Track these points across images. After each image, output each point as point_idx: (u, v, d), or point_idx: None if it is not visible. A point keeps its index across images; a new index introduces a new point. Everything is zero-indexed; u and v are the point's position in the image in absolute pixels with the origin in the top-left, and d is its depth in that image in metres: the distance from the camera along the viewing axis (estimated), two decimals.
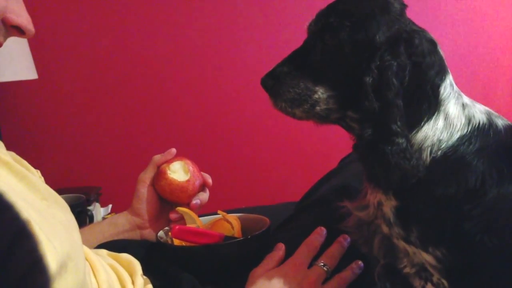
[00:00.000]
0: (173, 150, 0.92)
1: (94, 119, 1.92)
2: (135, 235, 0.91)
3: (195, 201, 0.91)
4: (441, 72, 0.65)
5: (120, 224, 0.90)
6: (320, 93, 0.66)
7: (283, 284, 0.71)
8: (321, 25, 0.67)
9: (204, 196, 0.93)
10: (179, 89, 1.93)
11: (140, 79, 1.91)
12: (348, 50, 0.64)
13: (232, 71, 1.95)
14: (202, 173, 0.94)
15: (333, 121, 0.70)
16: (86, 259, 0.64)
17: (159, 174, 0.89)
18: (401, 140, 0.60)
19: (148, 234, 0.91)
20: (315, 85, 0.67)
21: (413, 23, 0.67)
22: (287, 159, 1.99)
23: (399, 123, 0.60)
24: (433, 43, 0.65)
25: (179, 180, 0.88)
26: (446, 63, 0.67)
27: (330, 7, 0.68)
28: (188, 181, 0.89)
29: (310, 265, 0.74)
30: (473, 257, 0.60)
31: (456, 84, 0.67)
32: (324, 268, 0.74)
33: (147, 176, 0.91)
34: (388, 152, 0.60)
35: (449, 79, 0.66)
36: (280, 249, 0.78)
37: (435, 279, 0.63)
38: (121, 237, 0.89)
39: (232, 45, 1.94)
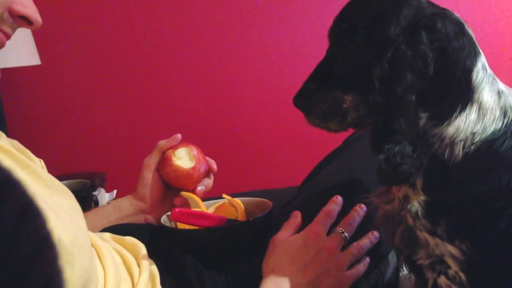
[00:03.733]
0: (179, 136, 0.92)
1: (98, 105, 1.92)
2: (139, 219, 0.91)
3: (200, 187, 0.91)
4: (472, 55, 0.61)
5: (125, 209, 0.90)
6: (349, 101, 0.65)
7: (303, 250, 0.73)
8: (337, 32, 0.66)
9: (209, 182, 0.94)
10: (184, 75, 1.92)
11: (145, 64, 1.90)
12: (367, 53, 0.62)
13: (236, 57, 1.94)
14: (207, 158, 0.93)
15: (370, 125, 0.68)
16: (92, 245, 0.64)
17: (164, 160, 0.89)
18: (400, 139, 0.58)
19: (152, 218, 0.91)
20: (343, 94, 0.66)
21: (434, 5, 0.63)
22: (290, 143, 1.98)
23: (402, 120, 0.58)
24: (459, 24, 0.62)
25: (184, 167, 0.88)
26: (477, 44, 0.63)
27: (342, 12, 0.66)
28: (193, 168, 0.88)
29: (329, 233, 0.75)
30: (503, 255, 0.59)
31: None
32: (343, 235, 0.75)
33: (152, 161, 0.91)
34: (383, 149, 0.59)
35: (482, 61, 0.62)
36: (297, 216, 0.79)
37: (451, 272, 0.62)
38: (125, 221, 0.89)
39: (232, 32, 1.92)
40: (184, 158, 0.89)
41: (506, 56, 2.14)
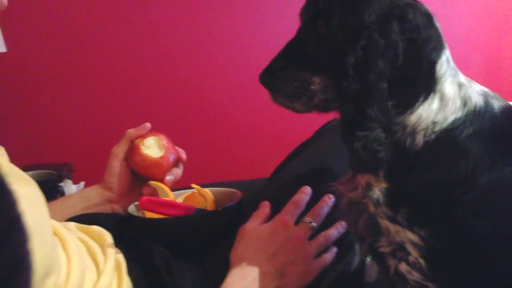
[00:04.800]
0: (148, 125, 0.91)
1: (65, 93, 1.87)
2: (107, 209, 0.89)
3: (169, 177, 0.90)
4: (438, 47, 0.62)
5: (92, 198, 0.89)
6: (317, 83, 0.65)
7: (271, 240, 0.73)
8: (312, 12, 0.65)
9: (178, 171, 0.93)
10: (152, 64, 1.89)
11: (113, 53, 1.86)
12: (341, 36, 0.62)
13: (206, 47, 1.92)
14: (177, 148, 0.92)
15: (334, 110, 0.68)
16: (55, 233, 0.63)
17: (133, 149, 0.88)
18: (375, 126, 0.59)
19: (120, 208, 0.90)
20: (312, 76, 0.65)
21: None
22: (261, 134, 1.99)
23: (375, 107, 0.59)
24: (428, 16, 0.63)
25: (153, 156, 0.87)
26: (443, 37, 0.64)
27: None
28: (162, 157, 0.87)
29: (297, 222, 0.76)
30: (461, 241, 0.60)
31: None
32: (311, 224, 0.76)
33: (120, 150, 0.90)
34: (358, 137, 0.59)
35: (446, 54, 0.63)
36: (265, 206, 0.80)
37: (411, 258, 0.64)
38: (92, 210, 0.87)
39: (209, 20, 1.91)
40: (153, 147, 0.88)
41: (474, 53, 2.21)
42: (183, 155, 0.94)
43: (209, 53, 1.92)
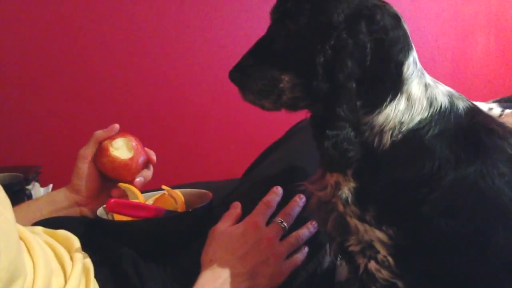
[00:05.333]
0: (116, 126, 0.89)
1: (32, 95, 1.82)
2: (74, 212, 0.87)
3: (139, 178, 0.88)
4: (405, 49, 0.63)
5: (59, 201, 0.87)
6: (286, 81, 0.65)
7: (242, 240, 0.73)
8: (281, 11, 0.65)
9: (148, 173, 0.91)
10: (121, 65, 1.86)
11: (81, 54, 1.82)
12: (310, 35, 0.62)
13: (173, 48, 1.91)
14: (146, 149, 0.91)
15: (303, 109, 0.69)
16: (21, 238, 0.62)
17: (101, 150, 0.86)
18: (344, 126, 0.59)
19: (88, 211, 0.88)
20: (281, 74, 0.65)
21: None
22: (232, 135, 1.98)
23: (345, 106, 0.59)
24: (396, 18, 0.64)
25: (122, 157, 0.85)
26: (411, 38, 0.65)
27: None
28: (131, 158, 0.86)
29: (268, 223, 0.76)
30: (427, 239, 0.61)
31: None
32: (282, 225, 0.76)
33: (88, 152, 0.88)
34: (328, 136, 0.59)
35: (413, 56, 0.64)
36: (236, 207, 0.80)
37: (380, 256, 0.64)
38: (59, 214, 0.85)
39: (164, 25, 1.89)
40: (121, 149, 0.86)
41: (441, 55, 2.26)
42: (153, 156, 0.92)
43: (176, 54, 1.90)
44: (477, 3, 2.30)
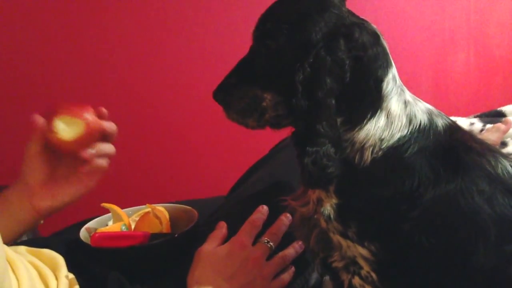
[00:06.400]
0: (58, 106, 0.77)
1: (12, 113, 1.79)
2: (28, 214, 0.78)
3: (92, 150, 0.77)
4: (384, 65, 0.64)
5: (12, 200, 0.77)
6: (268, 100, 0.66)
7: (229, 261, 0.73)
8: (261, 30, 0.66)
9: (106, 147, 0.80)
10: (112, 77, 1.81)
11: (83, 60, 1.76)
12: (289, 54, 0.63)
13: (163, 64, 1.90)
14: (103, 122, 0.79)
15: (287, 126, 0.69)
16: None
17: (46, 132, 0.75)
18: (324, 142, 0.60)
19: (43, 203, 0.78)
20: (263, 92, 0.66)
21: (354, 15, 0.66)
22: (217, 152, 1.97)
23: (324, 123, 0.60)
24: (375, 35, 0.65)
25: (68, 136, 0.75)
26: (390, 55, 0.66)
27: (268, 11, 0.67)
28: (79, 136, 0.75)
29: (254, 243, 0.76)
30: (408, 255, 0.61)
31: None
32: (268, 244, 0.76)
33: (33, 143, 0.77)
34: (308, 152, 0.60)
35: (392, 72, 0.65)
36: (222, 227, 0.79)
37: (364, 272, 0.65)
38: (13, 218, 0.77)
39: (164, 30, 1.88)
40: (68, 127, 0.76)
41: (422, 71, 2.30)
42: (112, 127, 0.81)
43: (164, 70, 1.89)
44: (457, 19, 2.36)
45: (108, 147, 0.80)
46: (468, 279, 0.60)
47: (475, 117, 1.30)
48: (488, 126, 1.16)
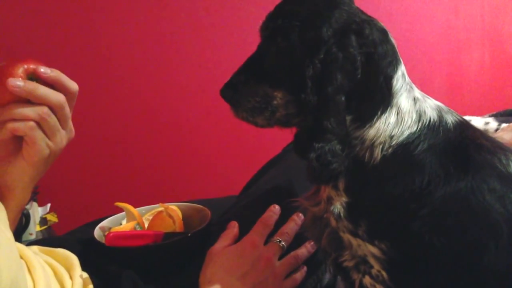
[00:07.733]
0: None
1: None
2: None
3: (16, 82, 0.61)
4: (393, 63, 0.64)
5: None
6: (279, 98, 0.66)
7: (241, 261, 0.72)
8: (271, 28, 0.66)
9: (23, 110, 0.63)
10: (120, 76, 1.79)
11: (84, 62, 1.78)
12: (300, 51, 0.63)
13: (175, 63, 1.90)
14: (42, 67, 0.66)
15: (296, 125, 0.69)
16: (21, 256, 0.62)
17: None
18: (331, 138, 0.60)
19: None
20: (273, 90, 0.66)
21: (363, 13, 0.66)
22: (229, 151, 1.98)
23: (332, 119, 0.60)
24: (384, 32, 0.65)
25: None
26: (398, 52, 0.66)
27: (277, 8, 0.67)
28: None
29: (266, 242, 0.76)
30: (419, 254, 0.61)
31: None
32: (280, 244, 0.76)
33: None
34: (314, 148, 0.60)
35: (401, 69, 0.65)
36: (233, 226, 0.79)
37: (374, 271, 0.64)
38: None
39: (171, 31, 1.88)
40: None
41: (436, 70, 2.28)
42: (45, 71, 0.66)
43: (177, 70, 1.90)
44: (471, 17, 2.33)
45: (27, 110, 0.63)
46: (480, 279, 0.59)
47: (490, 116, 1.29)
48: (504, 125, 1.15)
